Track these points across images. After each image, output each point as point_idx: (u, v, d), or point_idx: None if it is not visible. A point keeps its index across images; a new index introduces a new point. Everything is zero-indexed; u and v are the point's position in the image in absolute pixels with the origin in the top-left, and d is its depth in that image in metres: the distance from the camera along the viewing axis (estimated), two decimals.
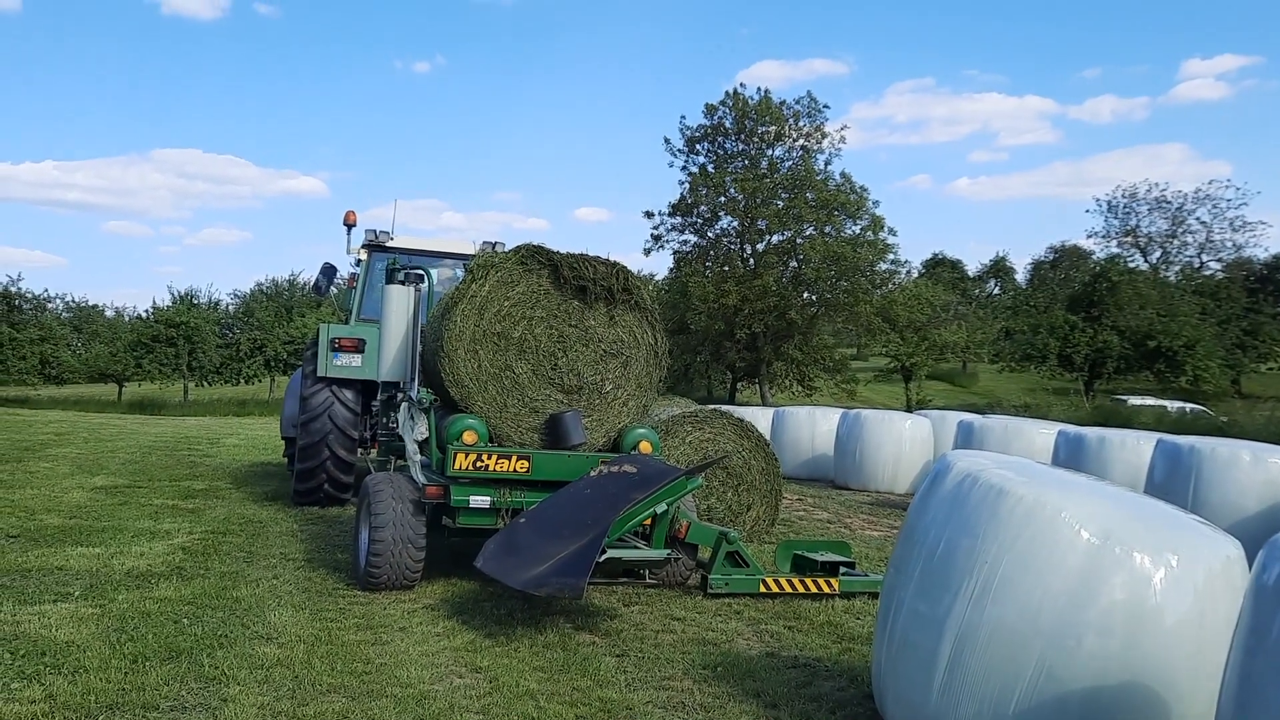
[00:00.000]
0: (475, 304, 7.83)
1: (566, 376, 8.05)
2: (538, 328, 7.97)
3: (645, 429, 8.30)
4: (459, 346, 7.80)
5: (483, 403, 7.89)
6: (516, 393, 7.96)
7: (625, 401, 8.28)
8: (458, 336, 7.79)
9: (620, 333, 8.19)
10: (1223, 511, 9.41)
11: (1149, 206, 58.06)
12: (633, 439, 8.17)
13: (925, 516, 4.72)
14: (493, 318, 7.87)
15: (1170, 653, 4.03)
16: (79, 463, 15.29)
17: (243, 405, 39.21)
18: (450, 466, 7.48)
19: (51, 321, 46.97)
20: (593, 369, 8.12)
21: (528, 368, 7.97)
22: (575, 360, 8.06)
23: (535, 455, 7.68)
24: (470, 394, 7.86)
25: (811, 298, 43.00)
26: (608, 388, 8.19)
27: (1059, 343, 44.65)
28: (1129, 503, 4.60)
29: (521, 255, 7.97)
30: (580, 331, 8.07)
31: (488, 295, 7.85)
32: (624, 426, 8.28)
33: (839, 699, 5.46)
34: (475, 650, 6.08)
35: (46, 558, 8.08)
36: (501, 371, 7.92)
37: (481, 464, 7.53)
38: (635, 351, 8.26)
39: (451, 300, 8.00)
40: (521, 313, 7.94)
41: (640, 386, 8.33)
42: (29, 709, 4.71)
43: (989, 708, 4.18)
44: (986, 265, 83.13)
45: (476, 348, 7.84)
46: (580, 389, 8.10)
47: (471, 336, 7.82)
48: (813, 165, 41.85)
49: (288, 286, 59.33)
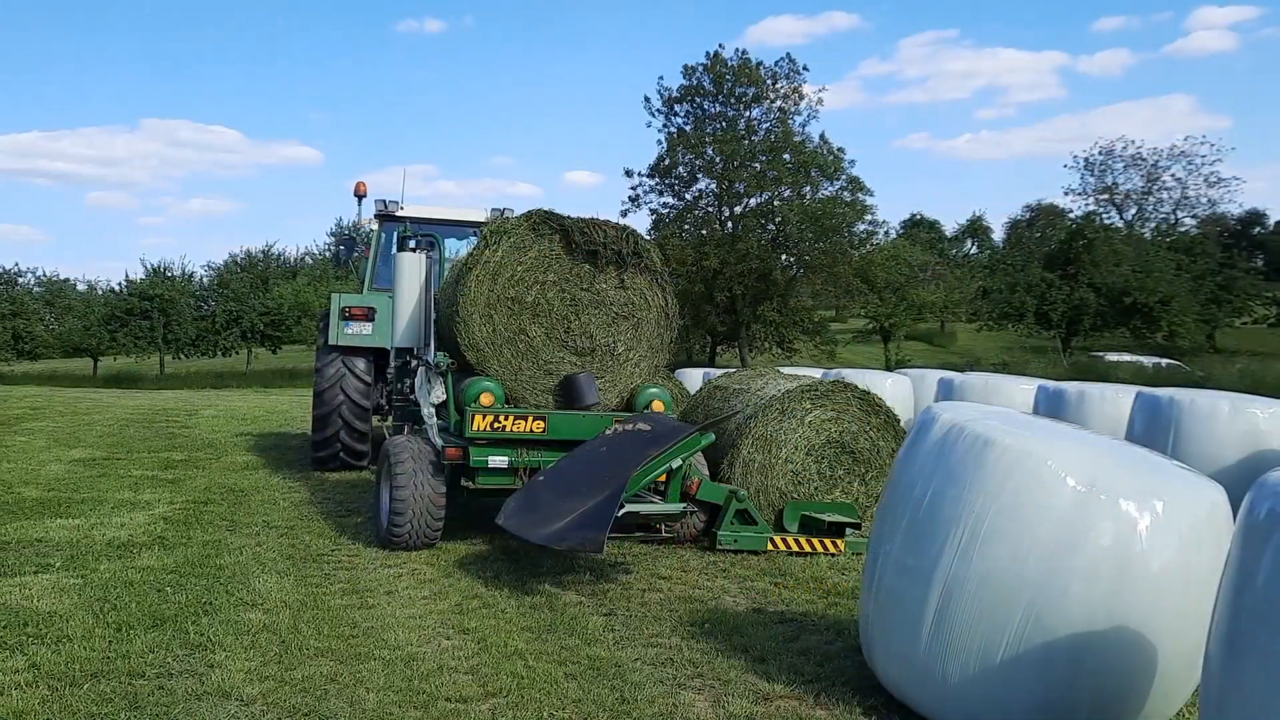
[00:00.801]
0: (489, 269, 7.98)
1: (579, 339, 8.26)
2: (550, 292, 8.14)
3: (657, 388, 8.49)
4: (474, 311, 7.96)
5: (498, 366, 8.07)
6: (531, 356, 8.16)
7: (637, 363, 8.51)
8: (473, 301, 7.95)
9: (631, 295, 8.38)
10: (1202, 462, 9.47)
11: (1124, 163, 58.21)
12: (645, 398, 8.37)
13: (911, 469, 4.72)
14: (506, 282, 8.03)
15: (1156, 598, 4.05)
16: (55, 436, 15.15)
17: (220, 378, 38.96)
18: (469, 428, 7.66)
19: (23, 296, 46.43)
20: (605, 331, 8.33)
21: (541, 331, 8.16)
22: (587, 323, 8.27)
23: (551, 416, 7.89)
24: (486, 357, 8.04)
25: (790, 259, 42.96)
26: (619, 349, 8.41)
27: (1036, 301, 44.85)
28: (1114, 450, 4.61)
29: (533, 221, 8.11)
30: (592, 295, 8.26)
31: (501, 260, 8.00)
32: (636, 386, 8.47)
33: (826, 652, 5.48)
34: (462, 612, 6.07)
35: (26, 530, 8.01)
36: (516, 335, 8.10)
37: (499, 425, 7.74)
38: (646, 314, 8.46)
39: (465, 266, 8.12)
40: (534, 277, 8.10)
41: (651, 348, 8.55)
42: (13, 679, 4.67)
43: (977, 657, 4.20)
44: (963, 225, 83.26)
45: (491, 312, 8.01)
46: (593, 351, 8.32)
47: (486, 301, 7.99)
48: (790, 127, 41.66)
49: (262, 257, 58.86)
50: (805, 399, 8.86)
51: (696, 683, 4.96)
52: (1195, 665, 3.83)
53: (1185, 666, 4.11)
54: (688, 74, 42.25)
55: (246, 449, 14.24)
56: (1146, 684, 4.11)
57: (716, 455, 8.69)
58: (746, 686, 4.91)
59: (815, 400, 8.89)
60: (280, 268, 59.07)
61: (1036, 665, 4.10)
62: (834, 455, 8.85)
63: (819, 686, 4.92)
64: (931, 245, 70.75)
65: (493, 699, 4.67)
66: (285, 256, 63.24)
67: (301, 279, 52.90)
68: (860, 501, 8.84)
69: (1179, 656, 4.10)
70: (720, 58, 41.52)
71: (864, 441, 8.98)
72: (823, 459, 8.81)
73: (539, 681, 4.87)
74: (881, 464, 8.95)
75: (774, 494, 8.64)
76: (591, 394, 8.07)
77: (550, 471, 7.41)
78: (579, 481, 7.14)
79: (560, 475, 7.32)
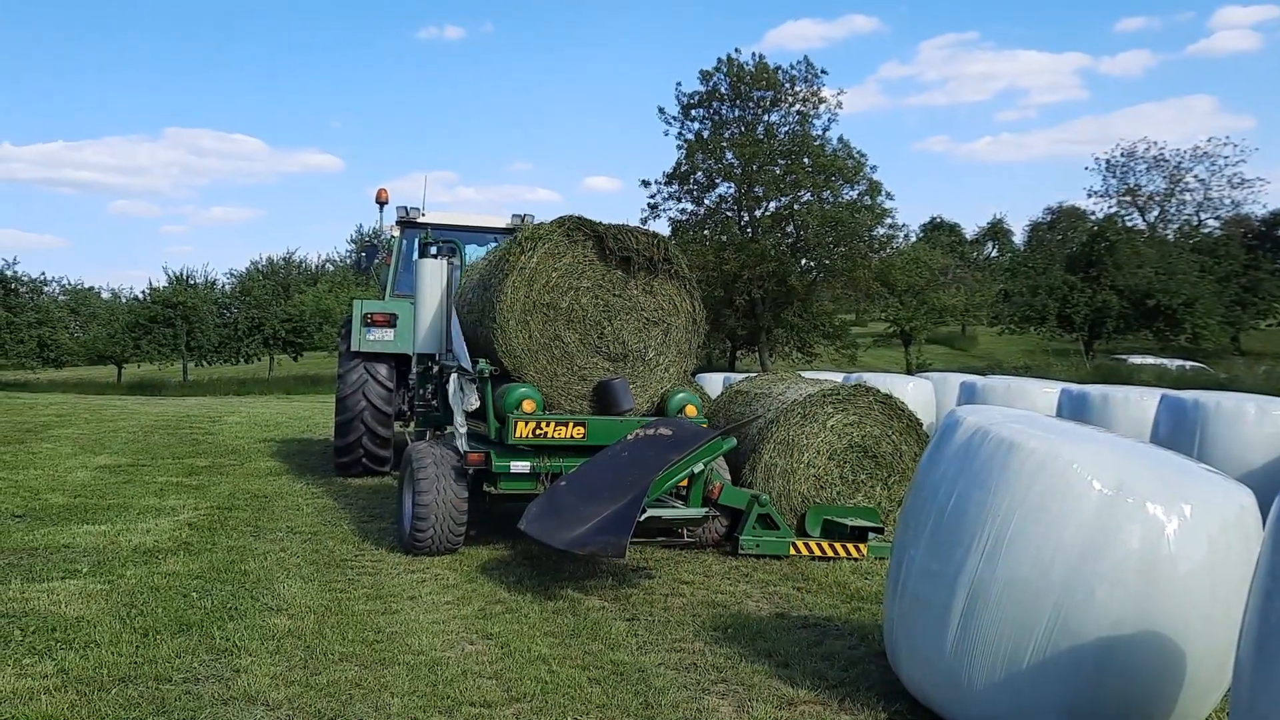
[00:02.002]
0: (525, 275, 8.00)
1: (612, 345, 8.29)
2: (584, 298, 8.18)
3: (686, 393, 8.51)
4: (511, 317, 7.99)
5: (534, 372, 8.10)
6: (565, 361, 8.19)
7: (666, 368, 8.55)
8: (509, 307, 7.97)
9: (660, 301, 8.43)
10: (1228, 465, 9.36)
11: (1147, 165, 57.81)
12: (677, 403, 8.38)
13: (935, 472, 4.70)
14: (541, 288, 8.05)
15: (1184, 602, 4.02)
16: (81, 443, 15.28)
17: (243, 384, 39.15)
18: (511, 435, 7.70)
19: (49, 305, 46.83)
20: (636, 337, 8.37)
21: (576, 337, 8.19)
22: (620, 329, 8.30)
23: (590, 421, 7.94)
24: (523, 364, 8.07)
25: (810, 264, 42.87)
26: (650, 355, 8.45)
27: (1058, 303, 44.56)
28: (1141, 453, 4.57)
29: (567, 227, 8.14)
30: (623, 300, 8.29)
31: (536, 266, 8.03)
32: (667, 391, 8.51)
33: (851, 657, 5.46)
34: (485, 617, 6.09)
35: (53, 536, 8.08)
36: (551, 341, 8.13)
37: (541, 431, 7.78)
38: (675, 319, 8.50)
39: (499, 271, 8.14)
40: (569, 283, 8.14)
41: (680, 353, 8.59)
42: (41, 683, 4.72)
43: (1003, 661, 4.18)
44: (984, 228, 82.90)
45: (527, 318, 8.03)
46: (625, 356, 8.36)
47: (523, 307, 8.01)
48: (809, 131, 41.60)
49: (283, 265, 59.19)
50: (827, 403, 8.82)
51: (720, 688, 4.95)
52: (1224, 669, 3.81)
53: (1214, 670, 4.08)
54: (704, 79, 42.29)
55: (270, 455, 14.32)
56: (1175, 688, 4.08)
57: (738, 460, 8.67)
58: (771, 691, 4.90)
59: (837, 404, 8.84)
60: (301, 275, 59.36)
61: (1063, 670, 4.07)
62: (856, 459, 8.82)
63: (843, 691, 4.90)
64: (952, 248, 70.51)
65: (516, 704, 4.67)
66: (306, 263, 63.63)
67: (323, 286, 53.12)
68: (883, 506, 8.76)
69: (1208, 660, 4.06)
70: (735, 62, 41.52)
71: (886, 445, 8.90)
72: (845, 463, 8.78)
73: (563, 686, 4.88)
74: (904, 468, 8.86)
75: (796, 498, 8.61)
76: (627, 399, 8.11)
77: (572, 476, 7.42)
78: (601, 486, 7.14)
79: (582, 480, 7.32)
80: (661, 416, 8.25)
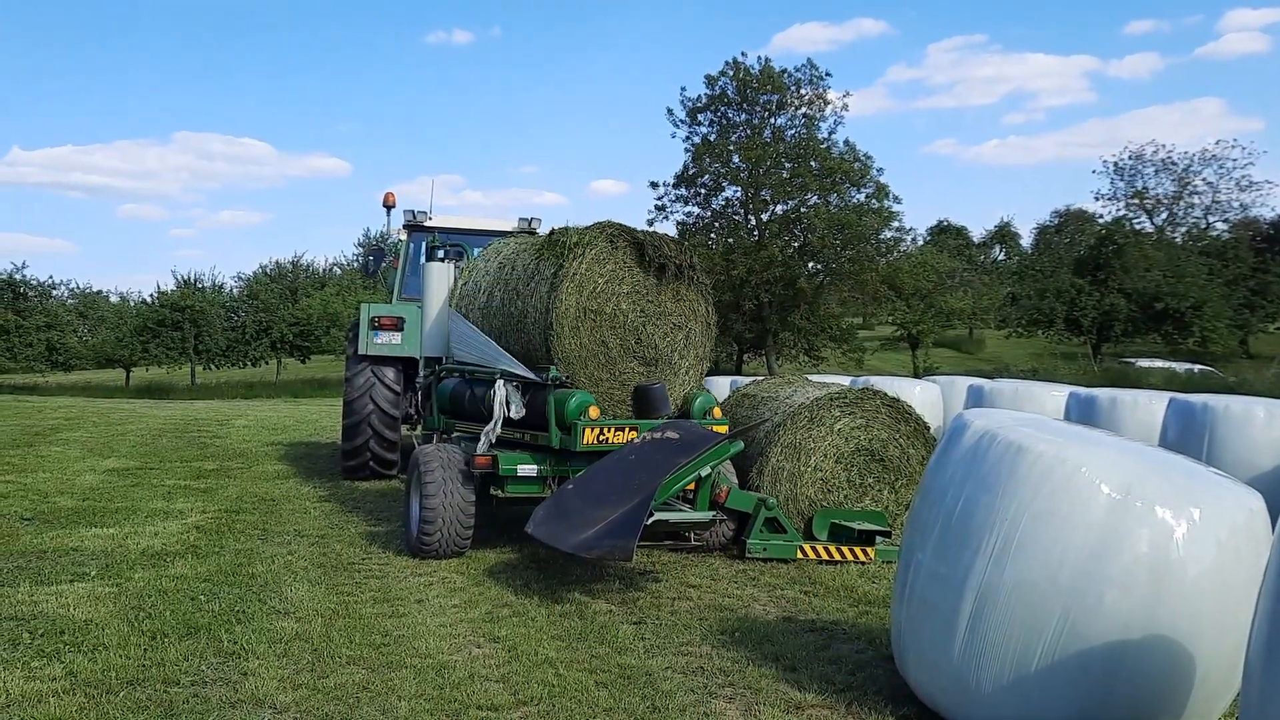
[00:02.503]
0: (576, 281, 8.13)
1: (646, 349, 8.49)
2: (624, 303, 8.36)
3: (706, 395, 8.66)
4: (565, 324, 8.10)
5: (584, 377, 8.24)
6: (609, 366, 8.37)
7: (688, 370, 8.78)
8: (564, 314, 8.08)
9: (683, 306, 8.67)
10: (1237, 469, 9.33)
11: (1155, 168, 57.66)
12: (701, 405, 8.49)
13: (942, 476, 4.69)
14: (590, 294, 8.20)
15: (1193, 606, 4.01)
16: (89, 446, 15.32)
17: (250, 388, 39.21)
18: (578, 442, 7.68)
19: (57, 308, 46.99)
20: (665, 341, 8.58)
21: (617, 342, 8.38)
22: (652, 334, 8.51)
23: (641, 425, 7.94)
24: (575, 369, 8.19)
25: (817, 267, 42.84)
26: (675, 359, 8.64)
27: (1065, 307, 44.42)
28: (1150, 457, 4.56)
29: (609, 233, 8.29)
30: (655, 306, 8.51)
31: (585, 273, 8.16)
32: (689, 393, 8.67)
33: (858, 660, 5.45)
34: (493, 620, 6.09)
35: (61, 539, 8.10)
36: (599, 347, 8.30)
37: (604, 437, 7.78)
38: (694, 324, 8.74)
39: (542, 276, 8.29)
40: (612, 289, 8.31)
41: (698, 357, 8.83)
42: (50, 686, 4.73)
43: (1011, 666, 4.17)
44: (991, 231, 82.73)
45: (579, 324, 8.18)
46: (656, 361, 8.54)
47: (575, 313, 8.13)
48: (815, 133, 41.59)
49: (291, 268, 59.31)
50: (834, 406, 8.77)
51: (728, 691, 4.95)
52: (1234, 673, 3.79)
53: (1224, 675, 4.06)
54: (710, 83, 42.31)
55: (277, 458, 14.35)
56: (1184, 693, 4.06)
57: (745, 463, 8.66)
58: (778, 695, 4.89)
59: (844, 408, 8.79)
60: (309, 278, 59.44)
61: (1071, 674, 4.06)
62: (863, 463, 8.80)
63: (851, 695, 4.89)
64: (959, 251, 70.31)
65: (524, 707, 4.67)
66: (314, 267, 63.74)
67: (330, 289, 53.16)
68: (890, 509, 8.73)
69: (1217, 665, 4.05)
70: (741, 66, 41.53)
71: (894, 449, 8.87)
72: (852, 467, 8.77)
73: (570, 690, 4.88)
74: (911, 471, 8.83)
75: (803, 502, 8.60)
76: (666, 404, 8.21)
77: (579, 479, 7.42)
78: (608, 489, 7.14)
79: (589, 483, 7.32)
80: (686, 419, 8.28)
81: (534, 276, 8.45)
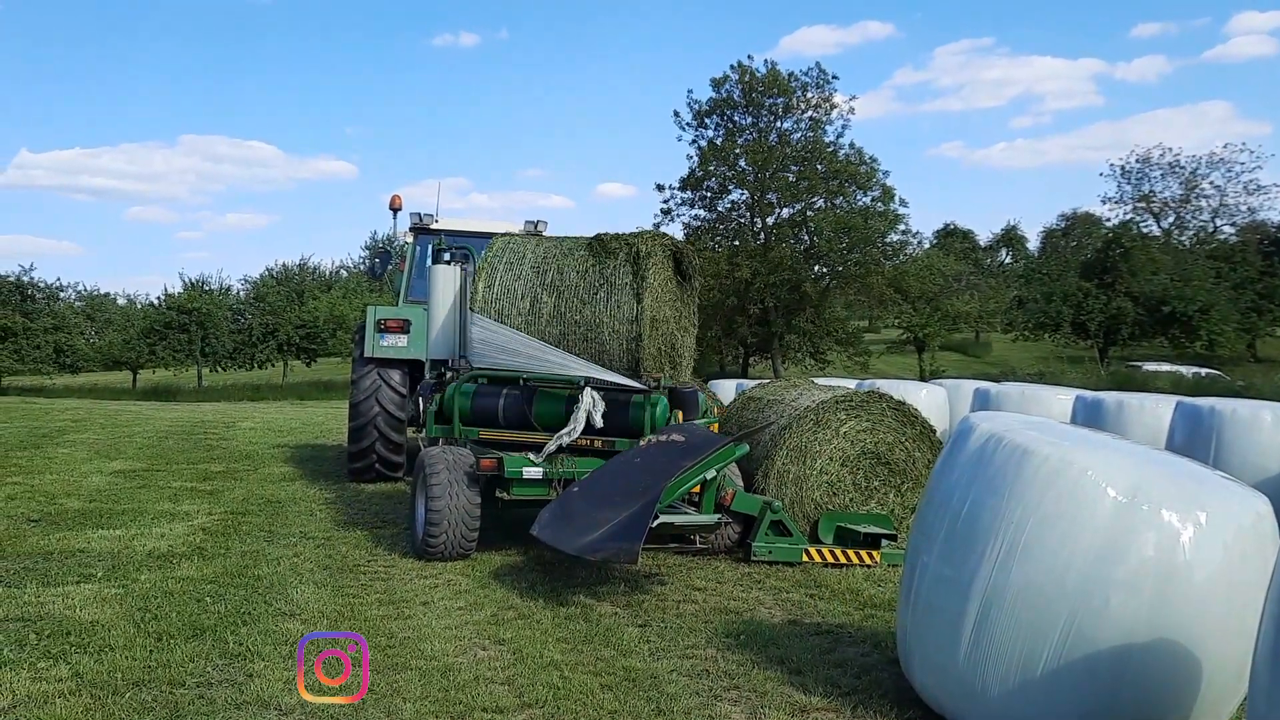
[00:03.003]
0: (653, 291, 8.60)
1: (674, 354, 8.98)
2: (667, 309, 8.87)
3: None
4: (647, 332, 8.51)
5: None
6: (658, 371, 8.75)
7: (686, 369, 9.31)
8: (650, 323, 8.53)
9: (690, 309, 9.31)
10: (1244, 473, 9.31)
11: (1162, 171, 57.50)
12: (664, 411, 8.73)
13: (949, 479, 4.68)
14: (652, 303, 8.58)
15: (1200, 610, 4.00)
16: (96, 448, 15.36)
17: (257, 390, 39.32)
18: None
19: (65, 310, 47.10)
20: (680, 342, 9.11)
21: (665, 347, 8.87)
22: (676, 337, 9.03)
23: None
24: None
25: (823, 270, 42.84)
26: (684, 360, 9.22)
27: (1072, 310, 44.34)
28: (1156, 460, 4.55)
29: (664, 244, 8.86)
30: (675, 310, 9.06)
31: (659, 284, 8.68)
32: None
33: (864, 664, 5.45)
34: (498, 623, 6.09)
35: (68, 540, 8.12)
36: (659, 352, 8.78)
37: None
38: (692, 326, 9.39)
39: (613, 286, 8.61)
40: (664, 297, 8.83)
41: (690, 356, 9.40)
42: (56, 687, 4.74)
43: (1017, 669, 4.16)
44: (998, 234, 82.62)
45: (654, 332, 8.62)
46: (676, 363, 9.04)
47: (650, 321, 8.55)
48: (822, 137, 41.61)
49: (297, 271, 59.38)
50: (840, 409, 8.76)
51: (733, 694, 4.94)
52: (1240, 677, 3.78)
53: (1230, 678, 4.05)
54: (716, 86, 42.34)
55: (283, 460, 14.37)
56: (1191, 696, 4.05)
57: (751, 466, 8.67)
58: (783, 698, 4.88)
59: (850, 411, 8.78)
60: (316, 281, 59.51)
61: (1078, 677, 4.05)
62: (869, 466, 8.80)
63: (856, 699, 4.88)
64: (966, 255, 70.26)
65: (529, 710, 4.67)
66: (320, 270, 63.84)
67: (336, 292, 53.25)
68: (896, 513, 8.73)
69: (1224, 668, 4.04)
70: (747, 69, 41.55)
71: (899, 452, 8.86)
72: (858, 470, 8.76)
73: (575, 692, 4.87)
74: (917, 475, 8.80)
75: (809, 505, 8.60)
76: (698, 406, 8.56)
77: (585, 482, 7.43)
78: (613, 492, 7.15)
79: (594, 486, 7.33)
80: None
81: (603, 284, 8.61)
